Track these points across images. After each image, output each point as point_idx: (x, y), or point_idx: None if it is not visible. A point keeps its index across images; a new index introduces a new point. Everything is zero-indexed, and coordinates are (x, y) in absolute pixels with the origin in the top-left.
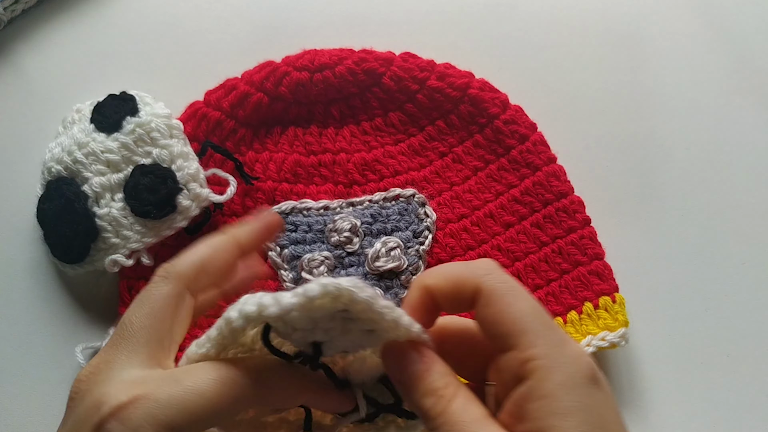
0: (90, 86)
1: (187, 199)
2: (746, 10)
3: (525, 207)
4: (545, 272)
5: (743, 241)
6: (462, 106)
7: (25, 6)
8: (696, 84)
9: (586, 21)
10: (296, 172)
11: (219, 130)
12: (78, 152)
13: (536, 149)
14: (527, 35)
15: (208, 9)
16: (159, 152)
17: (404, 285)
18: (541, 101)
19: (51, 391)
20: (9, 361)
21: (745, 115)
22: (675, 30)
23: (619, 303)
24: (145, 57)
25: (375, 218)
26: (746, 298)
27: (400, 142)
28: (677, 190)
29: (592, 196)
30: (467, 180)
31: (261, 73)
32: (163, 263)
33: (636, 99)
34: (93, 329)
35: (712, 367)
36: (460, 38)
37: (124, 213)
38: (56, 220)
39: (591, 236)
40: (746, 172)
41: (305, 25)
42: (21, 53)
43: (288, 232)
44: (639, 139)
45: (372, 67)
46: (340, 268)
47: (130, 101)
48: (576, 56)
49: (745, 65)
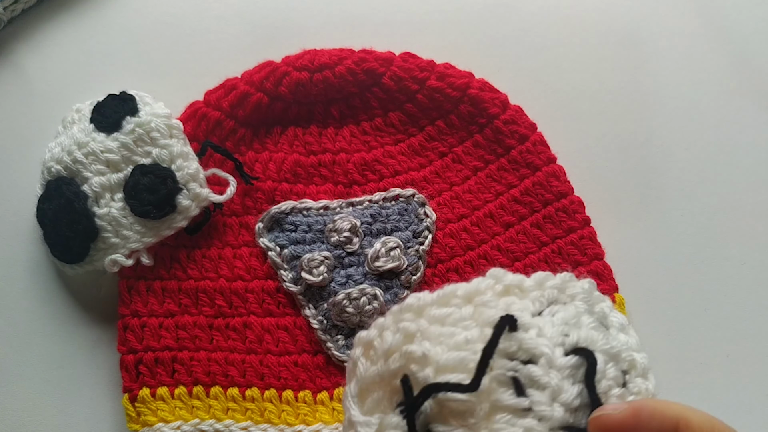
0: (90, 86)
1: (186, 198)
2: (746, 10)
3: (525, 207)
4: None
5: (743, 241)
6: (462, 106)
7: (25, 6)
8: (696, 84)
9: (586, 21)
10: (296, 172)
11: (219, 129)
12: (78, 152)
13: (536, 149)
14: (527, 35)
15: (208, 9)
16: (159, 152)
17: (404, 285)
18: (541, 101)
19: (51, 391)
20: (9, 361)
21: (745, 115)
22: (675, 30)
23: (618, 303)
24: (145, 57)
25: (375, 218)
26: (746, 298)
27: (400, 142)
28: (677, 190)
29: (592, 196)
30: (467, 180)
31: (261, 73)
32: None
33: (636, 99)
34: (93, 329)
35: (712, 367)
36: (460, 38)
37: (123, 213)
38: (56, 220)
39: (591, 236)
40: (746, 172)
41: (305, 25)
42: (21, 53)
43: (288, 232)
44: (639, 139)
45: (372, 67)
46: (339, 268)
47: (130, 101)
48: (576, 56)
49: (745, 65)
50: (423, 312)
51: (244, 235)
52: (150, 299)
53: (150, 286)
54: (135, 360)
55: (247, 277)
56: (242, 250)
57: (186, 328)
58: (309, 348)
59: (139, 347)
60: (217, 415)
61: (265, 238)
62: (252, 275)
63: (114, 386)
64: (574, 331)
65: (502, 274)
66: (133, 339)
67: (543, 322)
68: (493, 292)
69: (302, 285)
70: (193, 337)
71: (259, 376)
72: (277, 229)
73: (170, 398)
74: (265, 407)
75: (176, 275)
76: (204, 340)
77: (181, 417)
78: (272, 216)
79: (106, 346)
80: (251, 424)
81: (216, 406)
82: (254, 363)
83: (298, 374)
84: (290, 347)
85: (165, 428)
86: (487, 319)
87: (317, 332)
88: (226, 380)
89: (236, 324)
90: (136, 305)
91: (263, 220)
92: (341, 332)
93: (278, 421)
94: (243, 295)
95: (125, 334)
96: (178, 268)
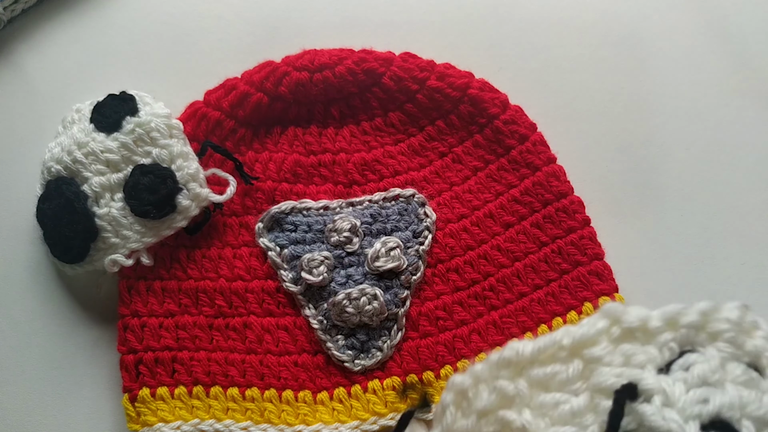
0: (90, 86)
1: (186, 199)
2: (746, 11)
3: (525, 207)
4: (545, 272)
5: (743, 241)
6: (462, 106)
7: (25, 6)
8: (696, 84)
9: (586, 21)
10: (296, 172)
11: (219, 129)
12: (78, 152)
13: (536, 149)
14: (527, 35)
15: (208, 9)
16: (159, 152)
17: (404, 285)
18: (541, 101)
19: (51, 391)
20: (9, 361)
21: (745, 115)
22: (675, 30)
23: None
24: (145, 57)
25: (375, 218)
26: (746, 298)
27: (400, 142)
28: (677, 190)
29: (592, 196)
30: (467, 180)
31: (261, 73)
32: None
33: (636, 99)
34: (93, 329)
35: None
36: (460, 38)
37: (123, 213)
38: (56, 220)
39: (591, 236)
40: (746, 172)
41: (305, 25)
42: (21, 53)
43: (288, 232)
44: (639, 139)
45: (372, 67)
46: (339, 268)
47: (130, 101)
48: (576, 56)
49: (745, 65)
50: (523, 370)
51: (244, 235)
52: (150, 299)
53: (150, 286)
54: (135, 360)
55: (247, 277)
56: (242, 250)
57: (186, 328)
58: (309, 348)
59: (139, 347)
60: (217, 415)
61: (265, 238)
62: (252, 275)
63: (114, 386)
64: (716, 393)
65: (621, 311)
66: (133, 339)
67: (672, 384)
68: (608, 338)
69: (302, 285)
70: (193, 337)
71: (259, 376)
72: (277, 229)
73: (170, 398)
74: (265, 407)
75: (176, 275)
76: (204, 340)
77: (181, 417)
78: (272, 216)
79: (106, 346)
80: (251, 424)
81: (216, 406)
82: (254, 363)
83: (298, 374)
84: (290, 347)
85: (165, 428)
86: (599, 384)
87: (317, 332)
88: (226, 380)
89: (236, 324)
90: (136, 305)
91: (263, 220)
92: (341, 332)
93: (278, 421)
94: (243, 295)
95: (125, 334)
96: (178, 268)
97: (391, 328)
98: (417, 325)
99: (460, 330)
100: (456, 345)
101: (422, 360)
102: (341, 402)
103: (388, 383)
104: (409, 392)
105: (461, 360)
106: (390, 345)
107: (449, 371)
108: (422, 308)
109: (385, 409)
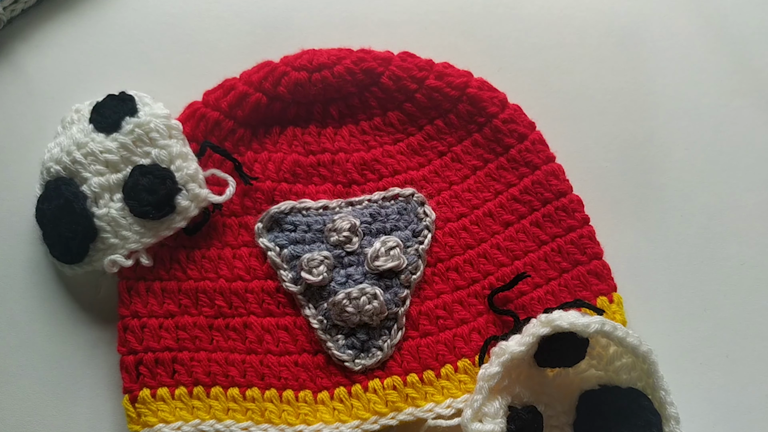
0: (89, 86)
1: (186, 199)
2: (746, 11)
3: (524, 206)
4: (545, 271)
5: (742, 241)
6: (461, 105)
7: (25, 6)
8: (696, 84)
9: (586, 21)
10: (295, 172)
11: (218, 130)
12: (77, 152)
13: (535, 148)
14: (527, 35)
15: (208, 9)
16: (158, 152)
17: (404, 284)
18: (540, 101)
19: (51, 391)
20: (9, 361)
21: (745, 116)
22: (675, 30)
23: (616, 303)
24: (145, 57)
25: (374, 217)
26: (745, 298)
27: (399, 142)
28: (677, 191)
29: (591, 195)
30: (466, 179)
31: (259, 73)
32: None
33: (636, 99)
34: (92, 329)
35: (712, 367)
36: (460, 38)
37: (122, 213)
38: (55, 221)
39: (590, 235)
40: (746, 172)
41: (304, 25)
42: (21, 53)
43: (287, 231)
44: (639, 139)
45: (370, 67)
46: (339, 268)
47: (129, 101)
48: (576, 56)
49: (745, 65)
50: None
51: (243, 235)
52: (150, 300)
53: (150, 286)
54: (135, 361)
55: (246, 278)
56: (242, 250)
57: (186, 328)
58: (309, 348)
59: (139, 348)
60: (218, 416)
61: (264, 238)
62: (252, 275)
63: (114, 387)
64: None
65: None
66: (133, 340)
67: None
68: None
69: (302, 285)
70: (193, 338)
71: (260, 376)
72: (276, 229)
73: (171, 399)
74: (265, 407)
75: (176, 276)
76: (204, 341)
77: (182, 417)
78: (271, 216)
79: (106, 346)
80: (252, 425)
81: (216, 406)
82: (254, 363)
83: (299, 374)
84: (290, 347)
85: (165, 429)
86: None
87: (317, 332)
88: (226, 380)
89: (236, 324)
90: (136, 306)
91: (263, 221)
92: (341, 332)
93: (279, 421)
94: (243, 296)
95: (125, 335)
96: (177, 269)
97: (391, 327)
98: (417, 324)
99: (461, 329)
100: (456, 344)
101: (423, 359)
102: (342, 401)
103: (389, 382)
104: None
105: (462, 359)
106: (390, 344)
107: (449, 370)
108: (422, 307)
109: (385, 409)
